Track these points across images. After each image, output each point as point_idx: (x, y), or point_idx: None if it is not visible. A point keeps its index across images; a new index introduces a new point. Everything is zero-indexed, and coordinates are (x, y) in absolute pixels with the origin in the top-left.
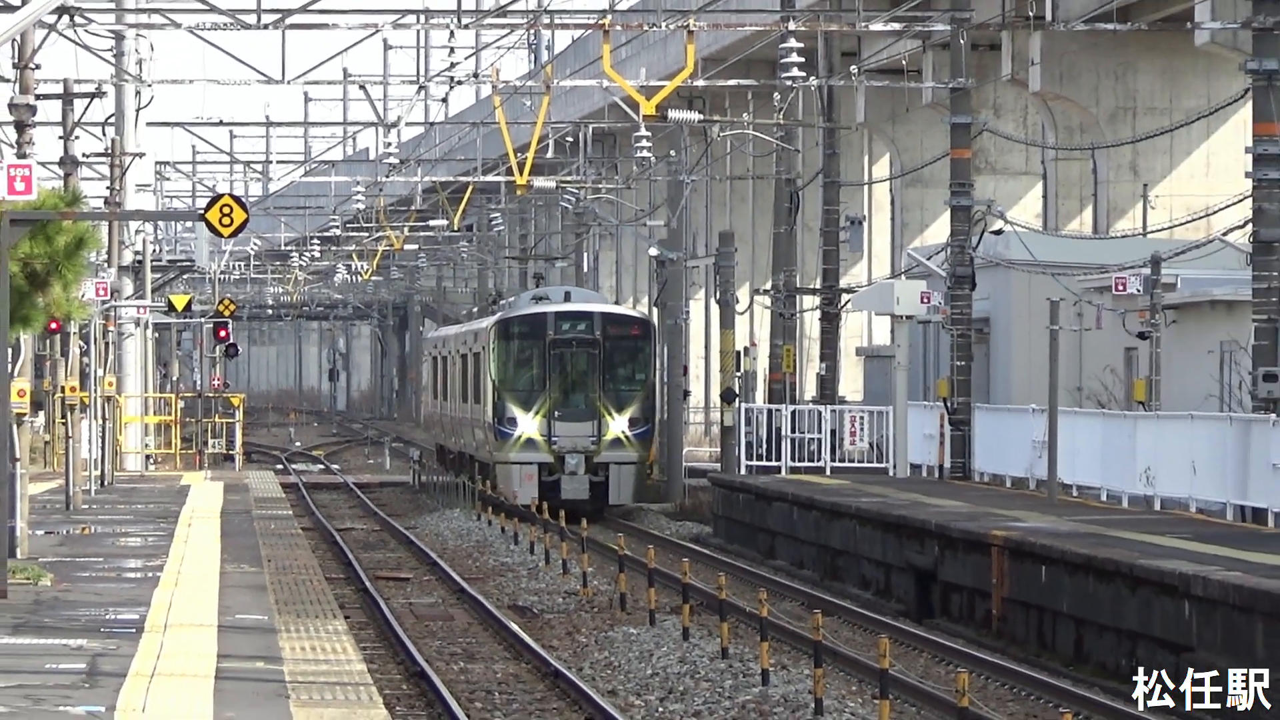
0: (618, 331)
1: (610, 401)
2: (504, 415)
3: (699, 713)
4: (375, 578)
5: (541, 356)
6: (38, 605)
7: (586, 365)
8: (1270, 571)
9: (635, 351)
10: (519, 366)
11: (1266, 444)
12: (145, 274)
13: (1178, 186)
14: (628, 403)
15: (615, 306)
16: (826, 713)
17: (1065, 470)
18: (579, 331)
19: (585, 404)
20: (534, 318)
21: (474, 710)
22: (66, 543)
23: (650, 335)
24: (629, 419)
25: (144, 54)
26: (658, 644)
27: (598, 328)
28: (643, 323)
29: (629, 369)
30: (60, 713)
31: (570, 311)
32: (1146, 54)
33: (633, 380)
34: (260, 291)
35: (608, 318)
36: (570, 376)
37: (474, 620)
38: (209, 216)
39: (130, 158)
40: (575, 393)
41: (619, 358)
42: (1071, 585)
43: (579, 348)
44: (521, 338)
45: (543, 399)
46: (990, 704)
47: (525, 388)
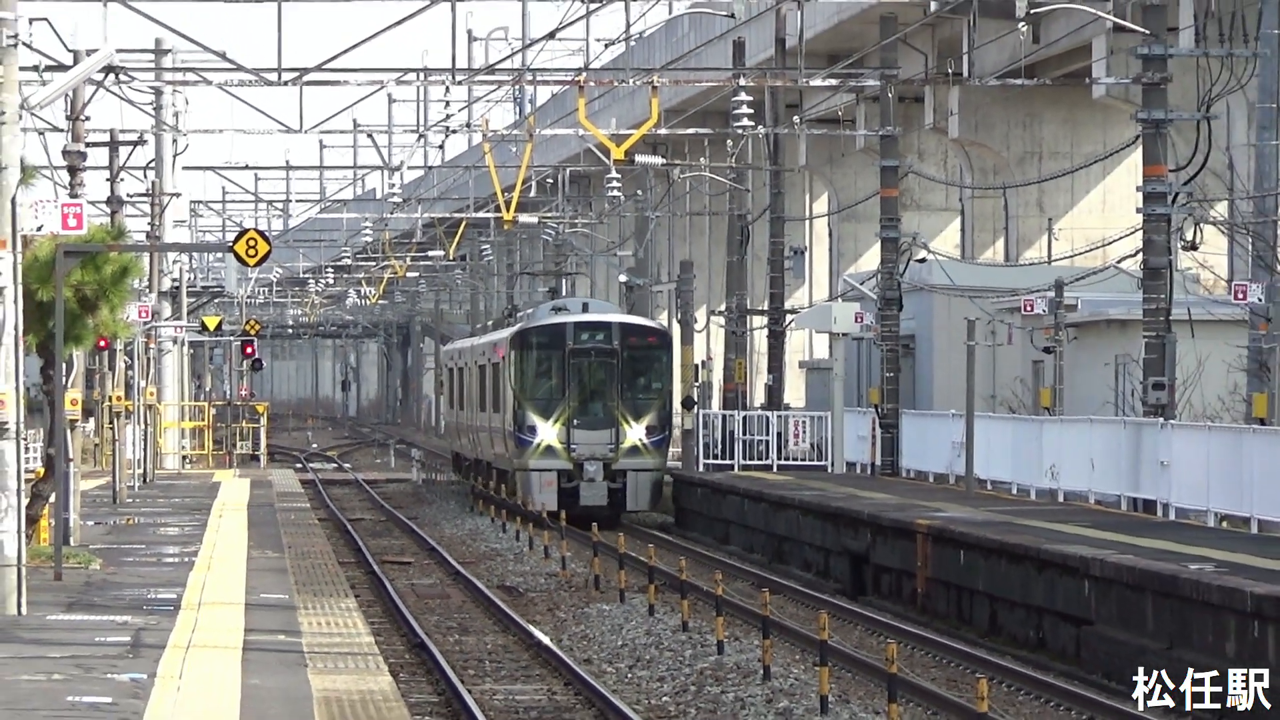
0: (635, 341)
1: (628, 410)
2: (524, 423)
3: (663, 678)
4: (381, 561)
5: (561, 366)
6: (88, 586)
7: (605, 374)
8: (1159, 555)
9: (652, 361)
10: (538, 376)
11: (1155, 444)
12: (181, 298)
13: (1078, 220)
14: (645, 411)
15: (633, 317)
16: (773, 678)
17: (981, 467)
18: (597, 341)
19: (604, 412)
20: (553, 328)
21: (468, 677)
22: (113, 532)
23: (667, 345)
24: (646, 427)
25: (180, 107)
26: (627, 619)
27: (616, 337)
28: (660, 333)
29: (646, 378)
30: (108, 680)
31: (589, 322)
32: (1051, 105)
33: (650, 389)
34: (281, 313)
35: (626, 328)
36: (589, 385)
37: (468, 598)
38: (237, 248)
39: (168, 197)
40: (594, 401)
41: (637, 367)
42: (986, 567)
43: (597, 357)
44: (541, 348)
45: (562, 407)
46: (916, 670)
47: (545, 396)
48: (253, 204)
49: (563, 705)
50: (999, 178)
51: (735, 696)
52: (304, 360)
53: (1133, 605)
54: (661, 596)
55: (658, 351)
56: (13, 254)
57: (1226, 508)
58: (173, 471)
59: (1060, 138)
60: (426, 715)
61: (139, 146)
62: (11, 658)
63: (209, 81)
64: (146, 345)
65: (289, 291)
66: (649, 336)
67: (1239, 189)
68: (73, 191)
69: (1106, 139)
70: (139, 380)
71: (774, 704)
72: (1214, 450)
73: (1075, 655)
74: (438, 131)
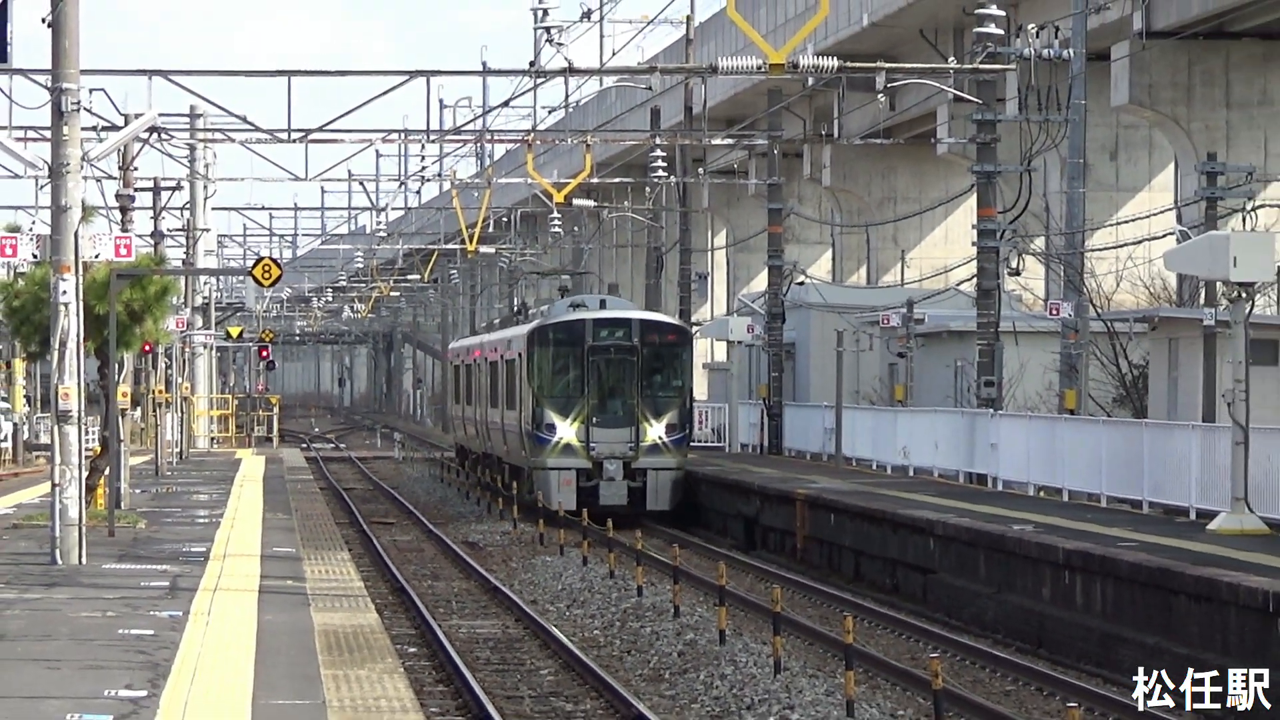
0: (655, 338)
1: (648, 408)
2: (542, 421)
3: (593, 615)
4: (370, 522)
5: (579, 363)
6: (135, 541)
7: (624, 372)
8: (989, 518)
9: (672, 358)
10: (557, 373)
11: (986, 430)
12: (210, 312)
13: (925, 252)
14: (665, 409)
15: (652, 313)
16: (681, 615)
17: (848, 448)
18: (617, 338)
19: (623, 410)
20: (572, 325)
21: (438, 614)
22: (155, 498)
23: (687, 341)
24: (666, 425)
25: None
26: (565, 568)
27: (635, 334)
28: (679, 329)
29: (666, 375)
30: (151, 616)
31: (608, 319)
32: (904, 160)
33: (669, 386)
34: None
35: (645, 324)
36: (608, 383)
37: (438, 552)
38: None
39: (200, 232)
40: (613, 399)
41: (656, 364)
42: (852, 527)
43: (617, 354)
44: (559, 344)
45: (580, 405)
46: (796, 609)
47: (563, 394)
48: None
49: (514, 636)
50: (862, 218)
51: (651, 630)
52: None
53: (968, 558)
54: (593, 550)
55: (677, 348)
56: (75, 276)
57: (1043, 480)
58: (203, 450)
59: (911, 186)
60: (405, 644)
61: (176, 191)
62: (73, 598)
63: (233, 139)
64: (182, 349)
65: (296, 307)
66: (669, 333)
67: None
68: (123, 226)
69: (948, 187)
70: (176, 377)
71: (682, 636)
72: (1033, 435)
73: (923, 598)
74: (415, 180)
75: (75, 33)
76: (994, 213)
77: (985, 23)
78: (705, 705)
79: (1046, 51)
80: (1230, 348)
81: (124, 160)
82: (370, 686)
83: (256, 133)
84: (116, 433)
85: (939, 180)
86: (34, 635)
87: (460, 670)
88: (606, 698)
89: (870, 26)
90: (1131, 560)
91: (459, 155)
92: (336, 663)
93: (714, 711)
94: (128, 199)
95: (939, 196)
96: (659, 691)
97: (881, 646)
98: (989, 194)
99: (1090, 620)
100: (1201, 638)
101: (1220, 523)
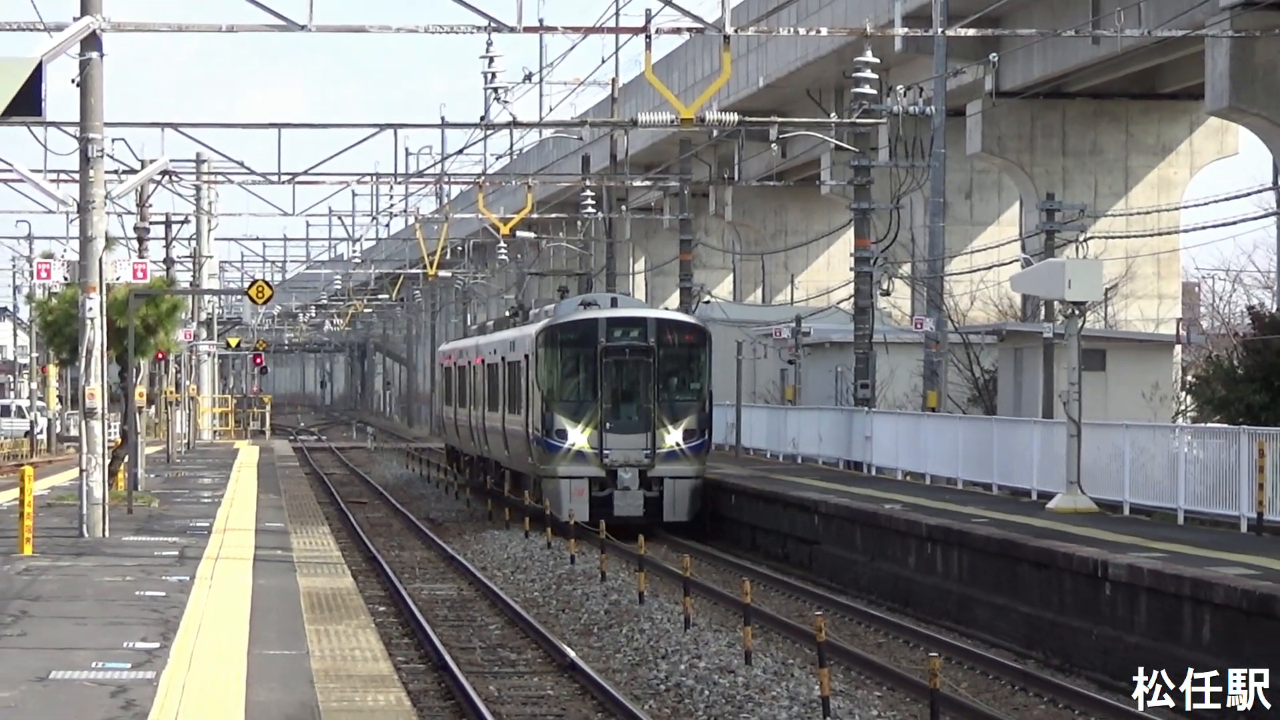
0: (673, 338)
1: (665, 412)
2: (552, 427)
3: (534, 580)
4: (347, 501)
5: (592, 365)
6: (150, 518)
7: (640, 374)
8: (864, 499)
9: (690, 359)
10: (568, 375)
11: (862, 424)
12: (213, 325)
13: (811, 276)
14: (683, 414)
15: (669, 312)
16: (608, 580)
17: (746, 439)
18: (632, 338)
19: (639, 415)
20: (584, 324)
21: (404, 578)
22: (167, 482)
23: (705, 342)
24: (684, 431)
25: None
26: (510, 540)
27: (652, 334)
28: (698, 329)
29: (684, 377)
30: (162, 580)
31: (623, 317)
32: (793, 199)
33: (688, 390)
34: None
35: (662, 324)
36: (623, 386)
37: (404, 527)
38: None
39: (204, 258)
40: (628, 403)
41: (674, 366)
42: (749, 505)
43: (632, 355)
44: (571, 345)
45: (593, 410)
46: (703, 575)
47: (575, 398)
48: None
49: (468, 596)
50: (759, 247)
51: (582, 592)
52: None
53: (847, 531)
54: (534, 525)
55: (696, 349)
56: (100, 296)
57: (909, 467)
58: (207, 442)
59: (799, 221)
60: (376, 604)
61: (184, 224)
62: (98, 565)
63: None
64: (189, 357)
65: (285, 321)
66: (686, 333)
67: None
68: (140, 254)
69: (830, 221)
70: (184, 380)
71: (608, 597)
72: (901, 429)
73: (809, 565)
74: (384, 215)
75: (99, 91)
76: (868, 243)
77: (861, 84)
78: (627, 655)
79: (912, 108)
80: (1065, 356)
81: (141, 198)
82: (346, 639)
83: (252, 176)
84: (134, 427)
85: (823, 216)
86: (64, 596)
87: (422, 625)
88: (544, 648)
89: (765, 87)
90: (983, 534)
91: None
92: (318, 619)
93: (634, 660)
94: (144, 231)
95: (823, 229)
96: (588, 643)
97: (774, 606)
98: (864, 227)
99: (949, 584)
100: (1041, 599)
101: (1057, 502)
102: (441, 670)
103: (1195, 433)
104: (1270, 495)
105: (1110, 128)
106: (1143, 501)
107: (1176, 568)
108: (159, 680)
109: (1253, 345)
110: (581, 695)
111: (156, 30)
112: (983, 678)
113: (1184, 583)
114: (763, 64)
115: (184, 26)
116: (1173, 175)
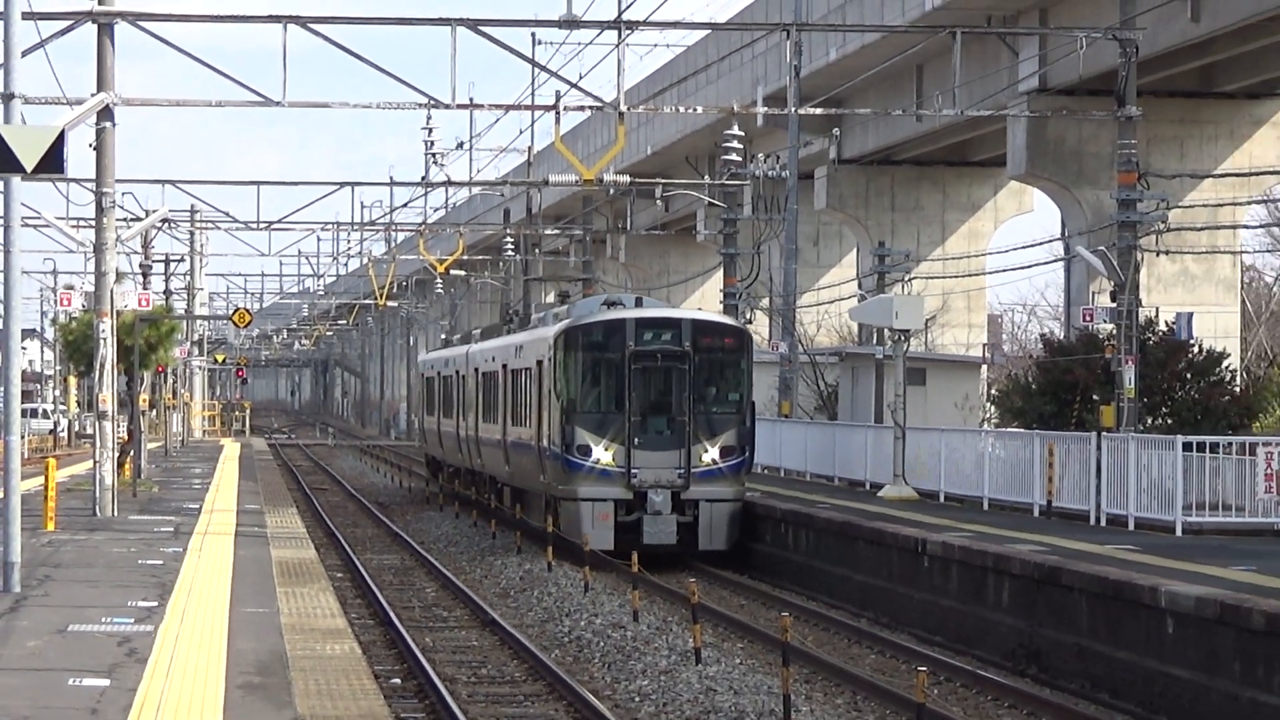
0: (710, 342)
1: (701, 427)
2: (573, 442)
3: (462, 552)
4: (311, 488)
5: (620, 372)
6: (151, 501)
7: (673, 382)
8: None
9: (730, 366)
10: (591, 384)
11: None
12: (204, 344)
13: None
14: (721, 428)
15: (705, 312)
16: (522, 553)
17: None
18: (664, 342)
19: (671, 429)
20: (611, 325)
21: (357, 550)
22: (165, 471)
23: (746, 347)
24: (722, 448)
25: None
26: (444, 520)
27: (686, 337)
28: (739, 332)
29: (722, 387)
30: (161, 551)
31: (654, 318)
32: (676, 245)
33: (727, 401)
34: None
35: (699, 325)
36: (653, 396)
37: (358, 509)
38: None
39: (196, 290)
40: (659, 415)
41: (711, 373)
42: None
43: (665, 361)
44: (594, 349)
45: (620, 423)
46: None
47: (598, 409)
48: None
49: (409, 565)
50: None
51: (501, 562)
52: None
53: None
54: (463, 508)
55: (735, 355)
56: (111, 320)
57: (767, 463)
58: (197, 439)
59: (680, 263)
60: (334, 571)
61: (180, 262)
62: (108, 539)
63: (219, 227)
64: (184, 370)
65: (262, 341)
66: (726, 336)
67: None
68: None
69: (705, 263)
70: (179, 389)
71: (522, 566)
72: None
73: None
74: (343, 256)
75: (111, 153)
76: (735, 282)
77: (729, 152)
78: (537, 613)
79: (770, 172)
80: (893, 373)
81: (145, 241)
82: (310, 600)
83: (235, 223)
84: (138, 426)
85: (699, 259)
86: (80, 564)
87: (371, 589)
88: (471, 607)
89: (652, 154)
90: (825, 516)
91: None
92: (287, 583)
93: (543, 617)
94: (147, 267)
95: (699, 270)
96: (505, 604)
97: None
98: (732, 268)
99: (797, 557)
100: (873, 569)
101: (886, 491)
102: (387, 625)
103: (998, 436)
104: (1058, 486)
105: (930, 189)
106: (956, 491)
107: (982, 544)
108: (157, 632)
109: (1045, 365)
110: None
111: (159, 104)
112: (825, 633)
113: (988, 557)
114: (650, 135)
115: (181, 102)
116: (980, 227)
